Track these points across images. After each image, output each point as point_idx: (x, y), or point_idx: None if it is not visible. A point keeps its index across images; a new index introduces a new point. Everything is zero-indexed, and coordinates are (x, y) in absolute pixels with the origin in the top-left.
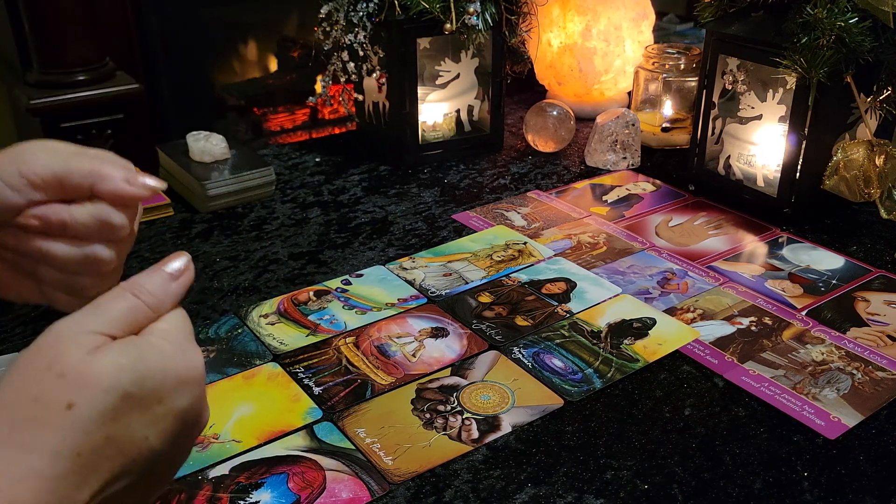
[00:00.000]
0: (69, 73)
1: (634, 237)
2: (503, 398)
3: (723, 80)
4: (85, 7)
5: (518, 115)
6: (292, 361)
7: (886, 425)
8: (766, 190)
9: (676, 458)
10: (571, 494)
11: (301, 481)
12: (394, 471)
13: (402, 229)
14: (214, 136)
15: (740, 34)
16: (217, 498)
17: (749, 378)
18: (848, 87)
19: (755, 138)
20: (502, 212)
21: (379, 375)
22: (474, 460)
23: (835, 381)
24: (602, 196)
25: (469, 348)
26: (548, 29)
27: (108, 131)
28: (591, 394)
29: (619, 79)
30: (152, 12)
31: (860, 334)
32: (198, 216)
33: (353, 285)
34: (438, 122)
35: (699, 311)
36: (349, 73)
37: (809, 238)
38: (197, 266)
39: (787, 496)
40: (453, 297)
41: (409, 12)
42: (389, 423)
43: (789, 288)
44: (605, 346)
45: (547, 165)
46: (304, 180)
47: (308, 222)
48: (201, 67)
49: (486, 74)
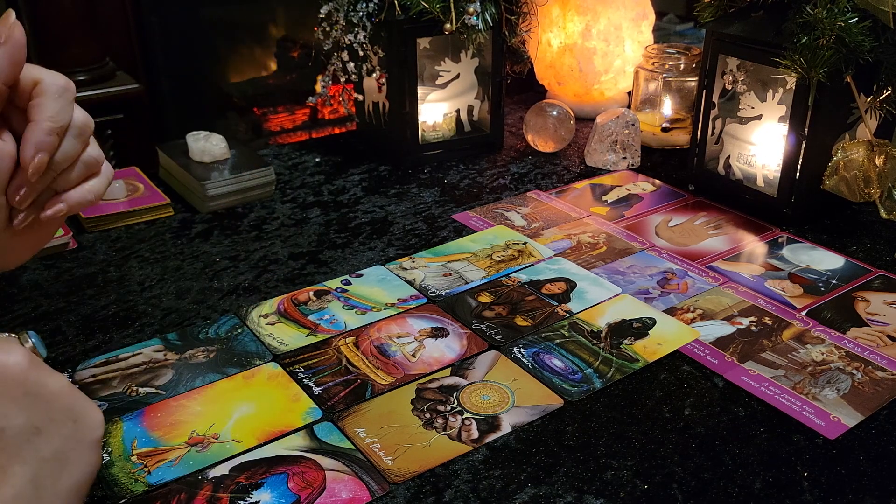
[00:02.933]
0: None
1: (634, 237)
2: (503, 398)
3: (723, 80)
4: (85, 7)
5: (518, 115)
6: (292, 361)
7: (886, 425)
8: (766, 190)
9: (676, 458)
10: (571, 494)
11: (301, 481)
12: (394, 471)
13: (402, 229)
14: (214, 136)
15: (740, 34)
16: (217, 498)
17: (749, 378)
18: (848, 87)
19: (755, 138)
20: (502, 212)
21: (379, 375)
22: (474, 460)
23: (835, 381)
24: (602, 196)
25: (469, 348)
26: (548, 29)
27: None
28: (591, 394)
29: (619, 79)
30: (152, 12)
31: (860, 334)
32: (198, 216)
33: (353, 285)
34: (438, 122)
35: (699, 311)
36: (349, 73)
37: (809, 238)
38: (197, 266)
39: (787, 496)
40: (453, 297)
41: (409, 12)
42: (389, 423)
43: (789, 288)
44: (604, 346)
45: (547, 165)
46: (304, 180)
47: (308, 222)
48: (201, 67)
49: (486, 74)
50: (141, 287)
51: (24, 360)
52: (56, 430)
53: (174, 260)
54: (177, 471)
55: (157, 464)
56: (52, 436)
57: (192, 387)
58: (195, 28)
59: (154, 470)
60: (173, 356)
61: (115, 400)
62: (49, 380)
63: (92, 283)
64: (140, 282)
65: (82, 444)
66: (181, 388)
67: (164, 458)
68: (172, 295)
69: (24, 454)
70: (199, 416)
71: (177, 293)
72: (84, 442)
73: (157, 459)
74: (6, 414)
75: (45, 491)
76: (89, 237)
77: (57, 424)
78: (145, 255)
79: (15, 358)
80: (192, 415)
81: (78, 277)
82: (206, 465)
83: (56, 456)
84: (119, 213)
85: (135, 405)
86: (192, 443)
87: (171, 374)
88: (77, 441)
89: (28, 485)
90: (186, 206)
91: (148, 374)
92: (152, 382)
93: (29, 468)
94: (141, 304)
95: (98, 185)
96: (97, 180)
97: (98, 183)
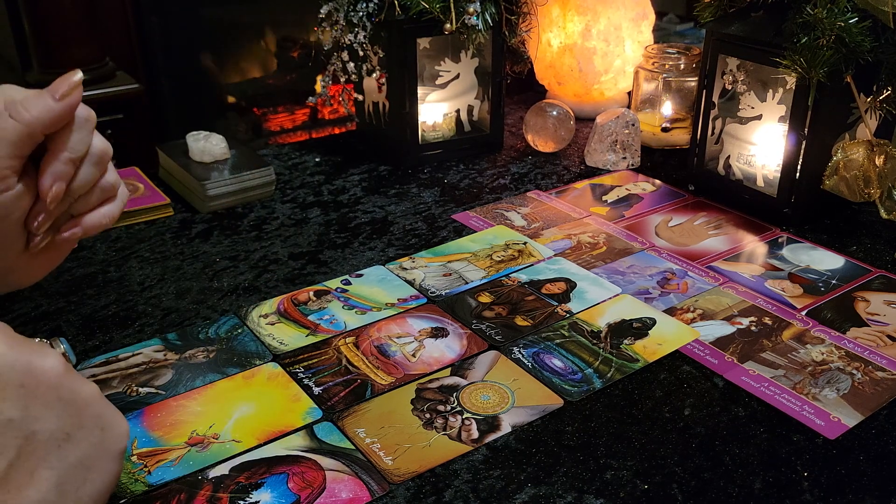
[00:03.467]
0: None
1: (634, 237)
2: (503, 398)
3: (723, 80)
4: (85, 7)
5: (518, 115)
6: (292, 361)
7: (886, 425)
8: (766, 190)
9: (676, 458)
10: (571, 494)
11: (301, 481)
12: (394, 471)
13: (402, 229)
14: (214, 136)
15: (740, 34)
16: (217, 498)
17: (749, 378)
18: (848, 87)
19: (755, 138)
20: (502, 212)
21: (379, 375)
22: (474, 460)
23: (835, 381)
24: (602, 196)
25: (469, 348)
26: (548, 29)
27: (108, 131)
28: (590, 394)
29: (618, 79)
30: (152, 12)
31: (860, 334)
32: (198, 216)
33: (352, 285)
34: (438, 122)
35: (699, 311)
36: (349, 73)
37: (809, 238)
38: (197, 266)
39: (786, 496)
40: (453, 297)
41: (409, 12)
42: (389, 423)
43: (789, 288)
44: (604, 346)
45: (547, 165)
46: (304, 180)
47: (308, 222)
48: (201, 67)
49: (486, 74)
50: (141, 287)
51: (59, 365)
52: (84, 438)
53: (174, 260)
54: (177, 471)
55: (157, 464)
56: (81, 443)
57: (191, 387)
58: (195, 28)
59: (154, 470)
60: (173, 356)
61: (115, 400)
62: (82, 387)
63: (92, 282)
64: (140, 282)
65: (108, 453)
66: (181, 388)
67: (164, 458)
68: (172, 295)
69: (52, 459)
70: (199, 416)
71: (177, 293)
72: (109, 451)
73: (157, 459)
74: (39, 418)
75: (68, 497)
76: (89, 237)
77: (86, 432)
78: (145, 254)
79: (51, 362)
80: (192, 415)
81: (78, 277)
82: (206, 465)
83: (82, 462)
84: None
85: (135, 405)
86: (192, 443)
87: (171, 374)
88: (104, 450)
89: (53, 489)
90: (186, 206)
91: (148, 374)
92: (152, 382)
93: (55, 473)
94: (141, 304)
95: (114, 210)
96: (113, 205)
97: (114, 207)
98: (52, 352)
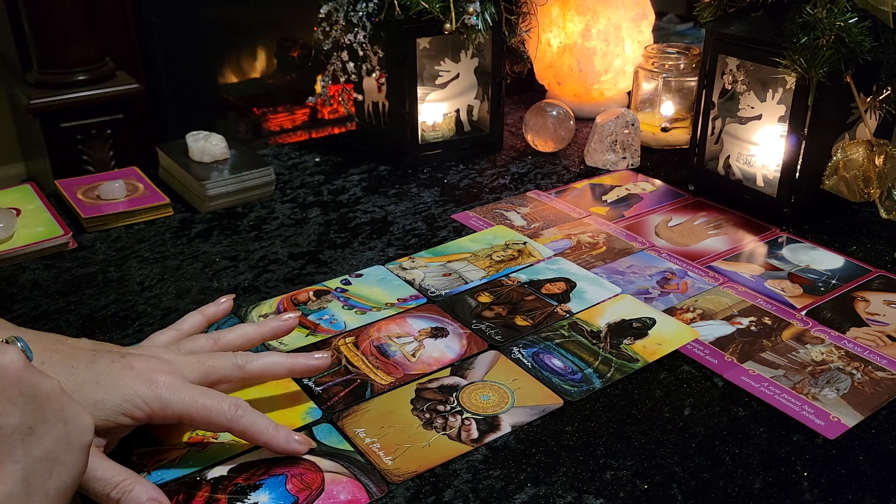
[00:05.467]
0: (69, 73)
1: (634, 237)
2: (503, 398)
3: (722, 80)
4: (85, 7)
5: (518, 115)
6: None
7: (886, 425)
8: (766, 190)
9: (676, 458)
10: (571, 494)
11: (299, 483)
12: (393, 471)
13: (402, 229)
14: (214, 136)
15: (740, 34)
16: (215, 499)
17: (749, 378)
18: (848, 87)
19: (755, 138)
20: (502, 212)
21: (378, 375)
22: (474, 460)
23: (834, 381)
24: (602, 196)
25: (469, 348)
26: (547, 29)
27: (107, 131)
28: (590, 394)
29: (618, 79)
30: (152, 12)
31: (860, 334)
32: (197, 216)
33: (352, 285)
34: (438, 122)
35: (699, 311)
36: (349, 73)
37: (809, 238)
38: (197, 266)
39: (786, 496)
40: (453, 297)
41: (408, 12)
42: (389, 423)
43: (789, 288)
44: (604, 346)
45: (546, 165)
46: (304, 180)
47: (308, 222)
48: (201, 67)
49: (486, 74)
50: (141, 287)
51: (18, 360)
52: (48, 432)
53: (174, 260)
54: (176, 471)
55: (156, 464)
56: (45, 436)
57: None
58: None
59: (154, 470)
60: None
61: None
62: (43, 381)
63: (92, 282)
64: (140, 282)
65: (72, 446)
66: None
67: (163, 458)
68: (172, 295)
69: (17, 453)
70: None
71: (176, 293)
72: (74, 444)
73: (157, 459)
74: (1, 412)
75: (35, 489)
76: (89, 237)
77: (49, 425)
78: (145, 254)
79: (10, 358)
80: None
81: (78, 277)
82: (205, 465)
83: (47, 456)
84: (119, 213)
85: None
86: (191, 443)
87: None
88: (68, 443)
89: (20, 483)
90: (186, 206)
91: None
92: None
93: (21, 467)
94: (141, 303)
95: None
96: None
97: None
98: (10, 348)
